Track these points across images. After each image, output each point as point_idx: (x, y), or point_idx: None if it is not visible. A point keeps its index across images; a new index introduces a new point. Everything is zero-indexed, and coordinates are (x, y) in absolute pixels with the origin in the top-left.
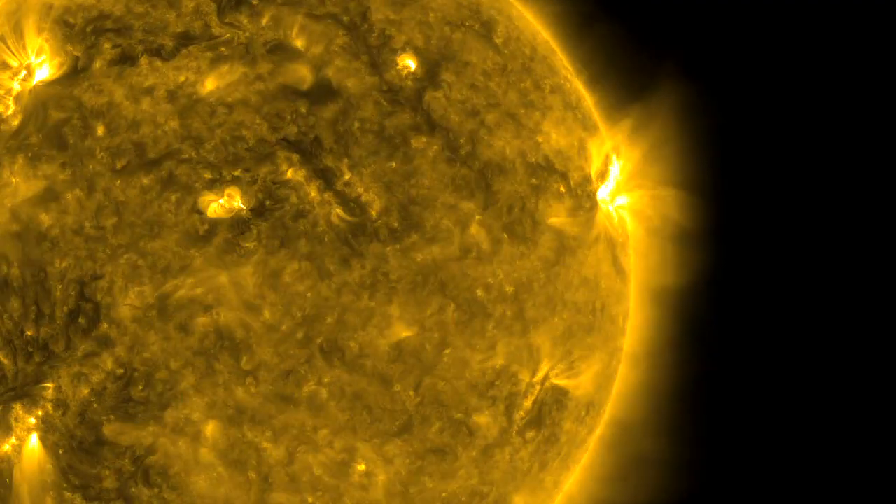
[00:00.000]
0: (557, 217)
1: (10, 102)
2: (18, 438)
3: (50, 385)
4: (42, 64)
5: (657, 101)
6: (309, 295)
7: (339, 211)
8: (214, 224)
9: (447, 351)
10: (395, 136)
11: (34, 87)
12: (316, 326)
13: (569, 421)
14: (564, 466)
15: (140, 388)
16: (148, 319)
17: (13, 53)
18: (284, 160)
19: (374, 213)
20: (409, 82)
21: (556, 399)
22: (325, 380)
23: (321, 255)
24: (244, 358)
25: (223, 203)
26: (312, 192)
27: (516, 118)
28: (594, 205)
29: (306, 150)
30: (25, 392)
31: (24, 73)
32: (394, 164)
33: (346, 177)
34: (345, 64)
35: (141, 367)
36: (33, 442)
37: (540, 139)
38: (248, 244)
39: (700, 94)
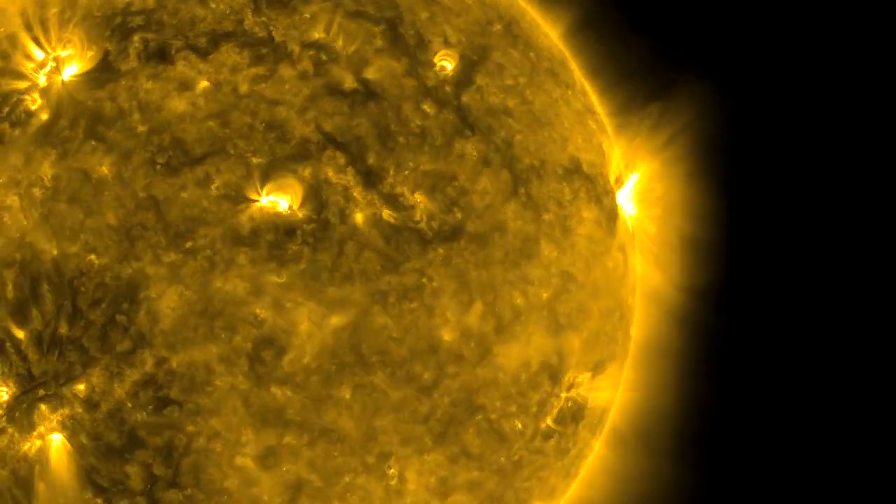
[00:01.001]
0: (587, 223)
1: (37, 96)
2: (41, 438)
3: (82, 384)
4: (70, 57)
5: (670, 108)
6: (354, 297)
7: (385, 212)
8: (260, 224)
9: (486, 357)
10: (436, 139)
11: (65, 81)
12: (359, 330)
13: (585, 430)
14: (575, 473)
15: (177, 388)
16: (188, 319)
17: (39, 45)
18: (329, 161)
19: (418, 216)
20: (447, 84)
21: (578, 407)
22: (366, 384)
23: (367, 257)
24: (286, 360)
25: (269, 204)
26: (357, 193)
27: (547, 121)
28: (615, 211)
29: (351, 151)
30: (55, 391)
31: (50, 65)
32: (437, 167)
33: (391, 178)
34: (384, 64)
35: (179, 368)
36: (56, 441)
37: (569, 143)
38: (293, 246)
39: (713, 99)
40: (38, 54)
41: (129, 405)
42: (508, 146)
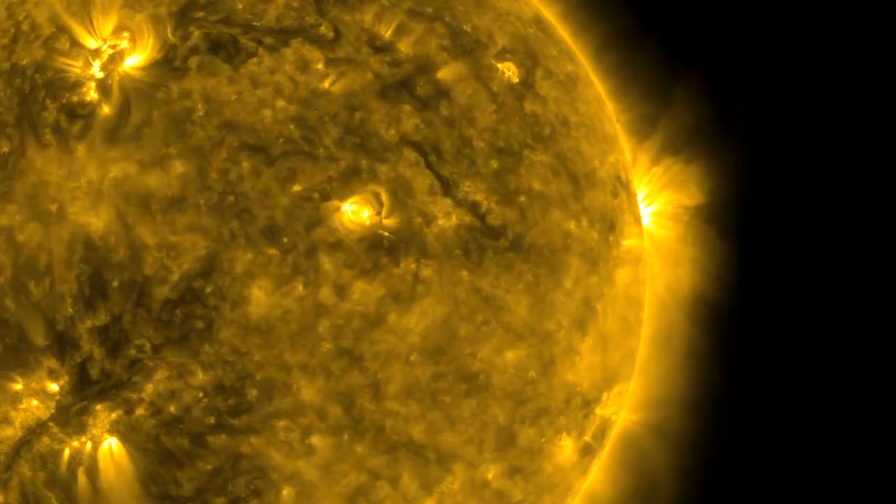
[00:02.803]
0: (630, 233)
1: (92, 87)
2: (93, 440)
3: (148, 386)
4: (129, 49)
5: (680, 115)
6: (435, 307)
7: (463, 219)
8: (342, 229)
9: (550, 371)
10: (508, 145)
11: (127, 73)
12: (437, 338)
13: (610, 441)
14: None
15: (250, 396)
16: (266, 325)
17: (91, 33)
18: (410, 165)
19: (491, 222)
20: (512, 89)
21: (609, 422)
22: (445, 397)
23: (447, 267)
24: (368, 371)
25: (351, 208)
26: (438, 198)
27: (594, 129)
28: (641, 220)
29: (429, 155)
30: (116, 392)
31: (106, 56)
32: (510, 175)
33: (466, 185)
34: (452, 67)
35: (254, 375)
36: (110, 445)
37: (611, 152)
38: (376, 252)
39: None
40: (91, 42)
41: (195, 411)
42: (571, 153)
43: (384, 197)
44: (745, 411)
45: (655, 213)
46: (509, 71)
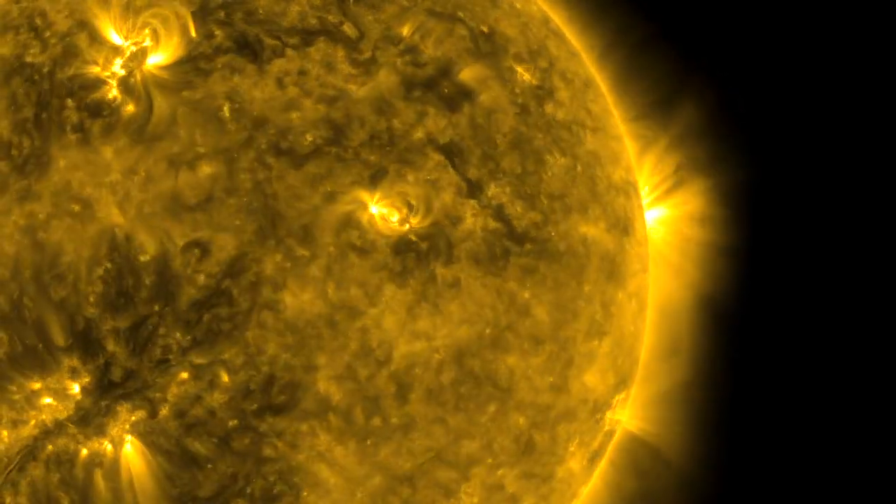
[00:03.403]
0: (640, 238)
1: (114, 85)
2: (112, 442)
3: (173, 387)
4: (152, 47)
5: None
6: (461, 312)
7: (488, 222)
8: (372, 231)
9: (569, 377)
10: (532, 148)
11: (151, 72)
12: (463, 342)
13: (613, 449)
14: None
15: (274, 398)
16: (292, 326)
17: (112, 31)
18: (437, 167)
19: (516, 225)
20: (530, 91)
21: (615, 428)
22: (469, 403)
23: (474, 271)
24: (394, 375)
25: (381, 210)
26: (465, 201)
27: (606, 132)
28: (646, 225)
29: (456, 158)
30: (139, 394)
31: (128, 54)
32: (533, 178)
33: (492, 187)
34: (475, 69)
35: (281, 377)
36: (131, 447)
37: (621, 156)
38: (405, 255)
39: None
40: (114, 39)
41: (220, 413)
42: (588, 157)
43: (413, 199)
44: (749, 417)
45: (660, 218)
46: (528, 73)
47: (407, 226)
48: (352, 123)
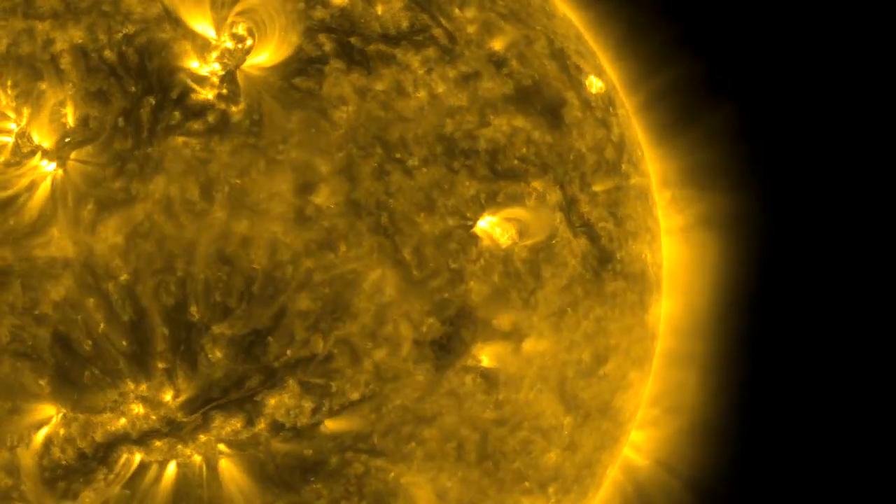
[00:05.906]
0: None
1: (216, 82)
2: (202, 452)
3: (272, 399)
4: (249, 46)
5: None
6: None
7: (581, 239)
8: (482, 246)
9: (629, 394)
10: (614, 167)
11: (254, 73)
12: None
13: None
14: None
15: (379, 420)
16: (406, 350)
17: (210, 24)
18: (544, 184)
19: (604, 243)
20: (599, 103)
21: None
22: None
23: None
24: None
25: (490, 226)
26: (566, 218)
27: (637, 146)
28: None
29: (556, 173)
30: (238, 405)
31: (225, 50)
32: (613, 195)
33: (584, 202)
34: (558, 84)
35: (388, 397)
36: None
37: (648, 171)
38: (515, 274)
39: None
40: (209, 32)
41: (319, 430)
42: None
43: (523, 217)
44: (762, 429)
45: (671, 230)
46: (593, 86)
47: (518, 244)
48: (458, 138)
